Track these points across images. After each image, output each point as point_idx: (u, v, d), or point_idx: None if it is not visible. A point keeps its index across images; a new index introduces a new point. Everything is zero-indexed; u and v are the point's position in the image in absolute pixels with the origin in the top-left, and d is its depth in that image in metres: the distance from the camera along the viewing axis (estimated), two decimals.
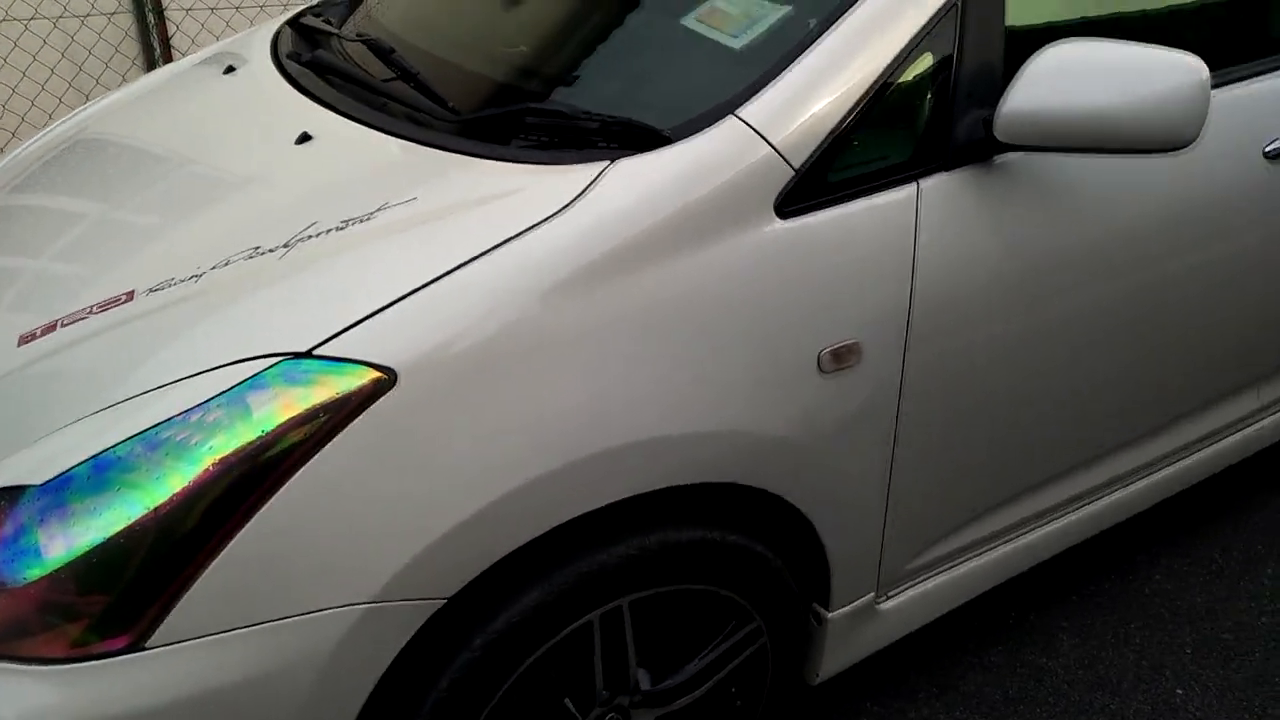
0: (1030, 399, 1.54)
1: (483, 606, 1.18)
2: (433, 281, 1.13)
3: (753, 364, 1.27)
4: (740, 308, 1.25)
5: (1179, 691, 1.89)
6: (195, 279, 1.24)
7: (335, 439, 1.06)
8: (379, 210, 1.26)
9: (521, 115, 1.35)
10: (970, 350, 1.43)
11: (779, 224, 1.26)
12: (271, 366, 1.09)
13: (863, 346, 1.34)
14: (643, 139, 1.27)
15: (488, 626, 1.18)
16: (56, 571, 1.03)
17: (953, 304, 1.39)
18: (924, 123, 1.36)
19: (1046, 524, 1.78)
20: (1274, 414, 2.12)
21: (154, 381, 1.12)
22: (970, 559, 1.71)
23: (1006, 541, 1.74)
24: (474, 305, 1.12)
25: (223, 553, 1.04)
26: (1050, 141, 1.32)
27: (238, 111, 1.65)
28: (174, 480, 1.04)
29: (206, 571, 1.04)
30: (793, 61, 1.30)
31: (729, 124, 1.26)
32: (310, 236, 1.25)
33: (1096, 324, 1.55)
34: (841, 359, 1.32)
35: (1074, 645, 1.98)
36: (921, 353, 1.39)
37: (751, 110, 1.26)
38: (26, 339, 1.26)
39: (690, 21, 1.44)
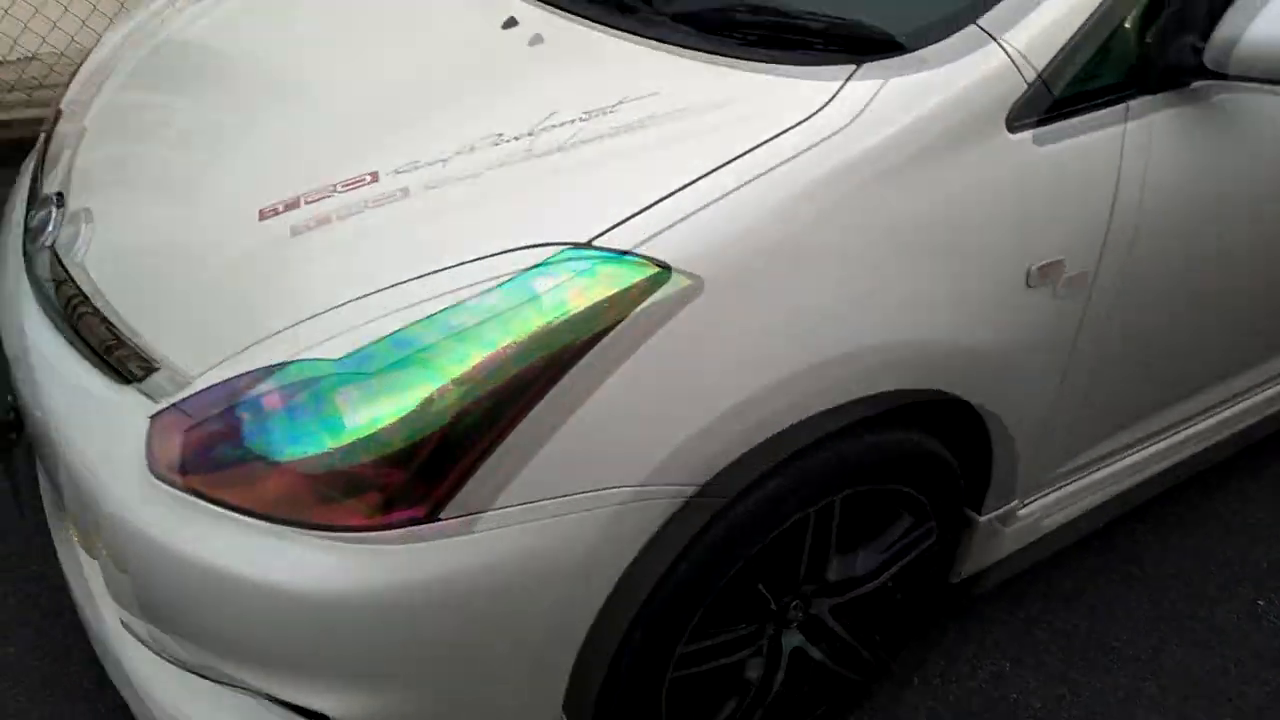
0: (1196, 320, 1.61)
1: (724, 495, 1.23)
2: (699, 178, 1.15)
3: (971, 275, 1.31)
4: (967, 220, 1.29)
5: (1259, 602, 2.03)
6: (442, 163, 1.25)
7: (614, 330, 1.09)
8: (619, 104, 1.27)
9: (752, 13, 1.35)
10: (1153, 270, 1.49)
11: (1009, 137, 1.30)
12: (555, 255, 1.11)
13: (1065, 263, 1.39)
14: (879, 45, 1.29)
15: (728, 513, 1.24)
16: (355, 443, 1.07)
17: (1145, 226, 1.44)
18: (1137, 43, 1.38)
19: (1170, 436, 1.86)
20: None
21: (428, 265, 1.14)
22: (1101, 468, 1.79)
23: (1134, 451, 1.82)
24: (741, 205, 1.15)
25: (512, 432, 1.08)
26: (1270, 74, 1.35)
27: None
28: (472, 359, 1.07)
29: (497, 449, 1.08)
30: None
31: (971, 33, 1.27)
32: (553, 126, 1.26)
33: (1265, 252, 1.62)
34: (1046, 274, 1.38)
35: (1158, 557, 2.10)
36: (1110, 270, 1.44)
37: (991, 19, 1.28)
38: (268, 214, 1.26)
39: None
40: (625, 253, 1.11)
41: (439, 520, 1.09)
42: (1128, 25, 1.37)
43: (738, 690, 1.48)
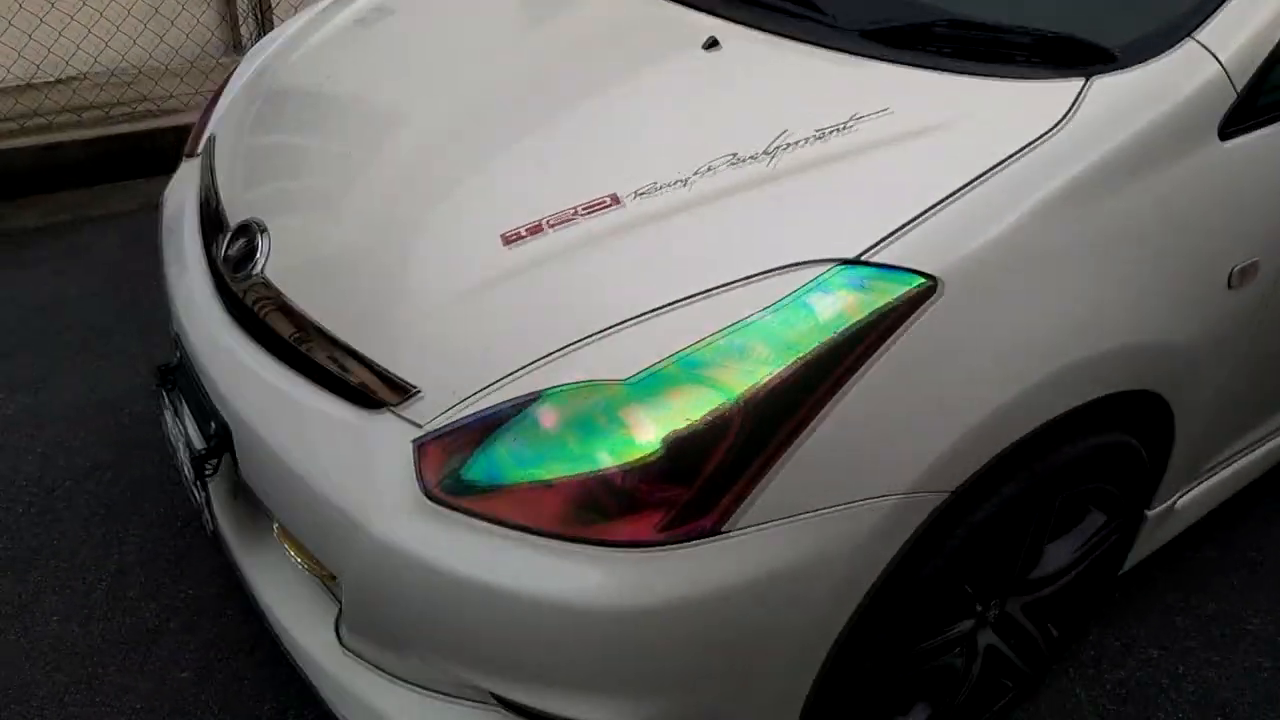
0: None
1: (969, 500, 1.27)
2: (955, 193, 1.19)
3: (1184, 278, 1.36)
4: (1184, 225, 1.33)
5: None
6: (682, 184, 1.27)
7: (888, 343, 1.12)
8: (853, 120, 1.29)
9: (968, 27, 1.38)
10: None
11: (1220, 145, 1.34)
12: (828, 272, 1.14)
13: (1260, 264, 1.44)
14: (1102, 57, 1.32)
15: (969, 518, 1.27)
16: (644, 460, 1.09)
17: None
18: None
19: None
20: None
21: (696, 285, 1.16)
22: (1239, 458, 1.85)
23: (1265, 442, 1.88)
24: (998, 217, 1.18)
25: (791, 447, 1.11)
26: None
27: (617, 23, 1.64)
28: (757, 378, 1.10)
29: (777, 464, 1.11)
30: None
31: (1188, 47, 1.31)
32: (790, 145, 1.28)
33: None
34: (1246, 276, 1.42)
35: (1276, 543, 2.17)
36: None
37: (1206, 34, 1.32)
38: (512, 239, 1.28)
39: None
40: (895, 267, 1.14)
41: (723, 534, 1.11)
42: None
43: (941, 688, 1.52)
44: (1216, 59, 1.32)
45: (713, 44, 1.47)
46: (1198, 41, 1.32)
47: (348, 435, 1.27)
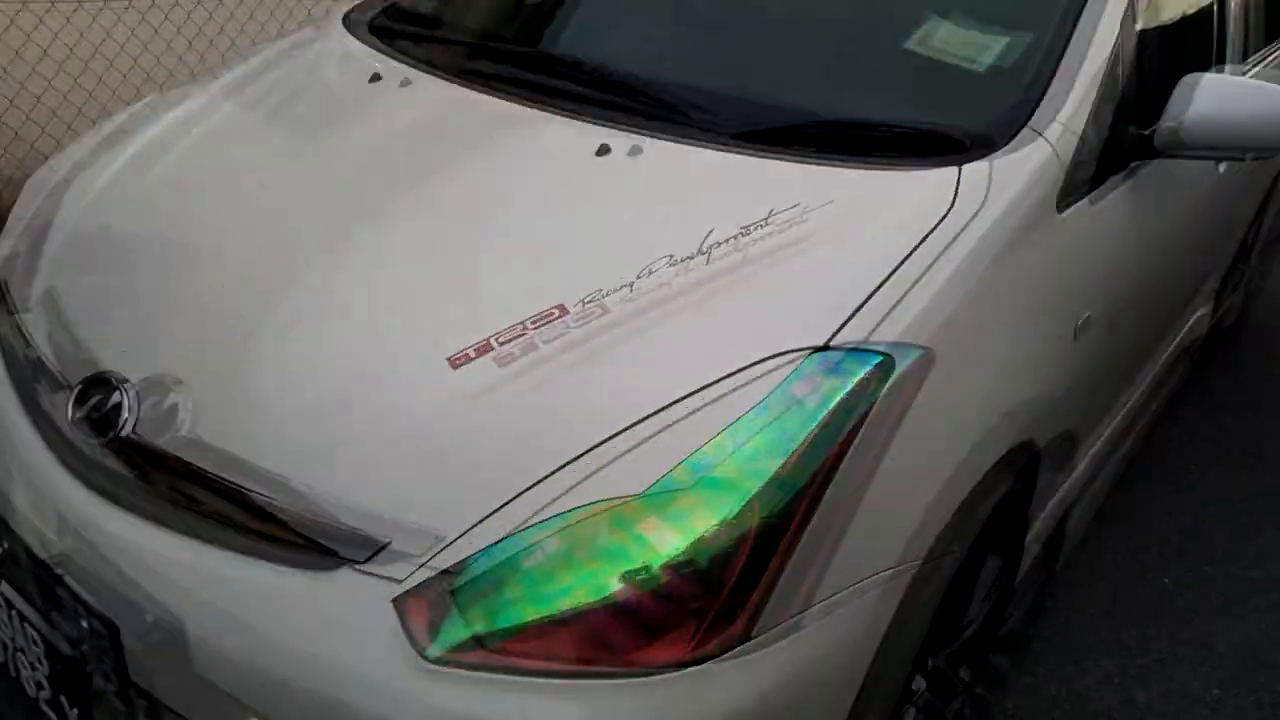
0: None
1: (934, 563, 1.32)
2: (893, 270, 1.27)
3: (1049, 335, 1.53)
4: (1041, 288, 1.51)
5: None
6: (628, 288, 1.26)
7: (871, 416, 1.17)
8: (771, 216, 1.35)
9: (849, 124, 1.50)
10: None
11: (1057, 217, 1.54)
12: (804, 361, 1.17)
13: (1093, 318, 1.65)
14: (956, 146, 1.48)
15: (935, 578, 1.33)
16: (671, 573, 1.05)
17: (1124, 273, 1.75)
18: (1109, 131, 1.69)
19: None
20: None
21: (673, 388, 1.15)
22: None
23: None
24: (928, 297, 1.28)
25: (802, 537, 1.11)
26: (1213, 145, 1.69)
27: (495, 131, 1.60)
28: (765, 473, 1.10)
29: (793, 557, 1.11)
30: (1046, 82, 1.57)
31: (1024, 134, 1.50)
32: (720, 243, 1.32)
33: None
34: (1084, 328, 1.63)
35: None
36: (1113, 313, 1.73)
37: (1037, 120, 1.52)
38: (460, 360, 1.20)
39: (920, 48, 1.66)
40: (862, 346, 1.19)
41: (753, 639, 1.09)
42: (1105, 120, 1.66)
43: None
44: (1048, 142, 1.51)
45: (604, 150, 1.48)
46: (1031, 128, 1.51)
47: (297, 605, 1.11)
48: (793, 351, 1.18)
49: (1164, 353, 2.51)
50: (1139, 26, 1.77)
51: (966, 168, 1.43)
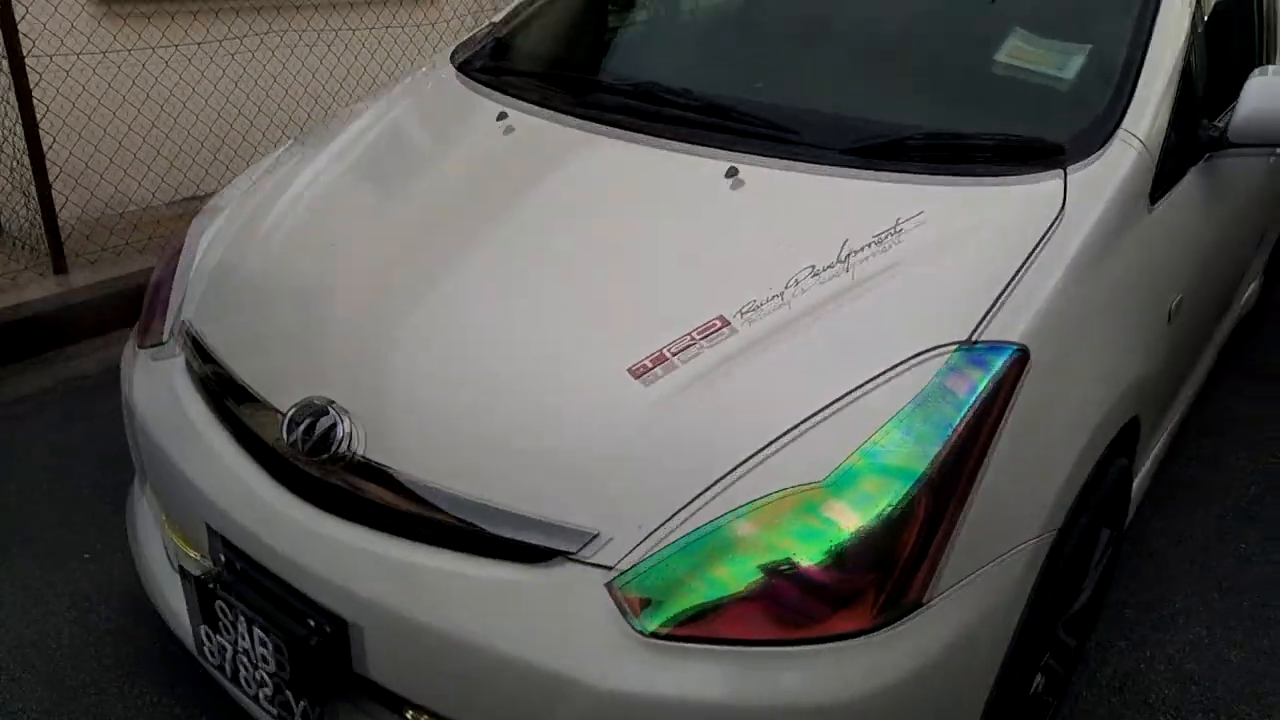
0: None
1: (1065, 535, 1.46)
2: (1016, 279, 1.40)
3: (1148, 320, 1.66)
4: (1140, 278, 1.64)
5: None
6: (779, 299, 1.40)
7: (1009, 408, 1.31)
8: (899, 225, 1.49)
9: (958, 140, 1.64)
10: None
11: (1150, 211, 1.67)
12: (952, 356, 1.31)
13: (1184, 300, 1.78)
14: (1045, 154, 1.61)
15: (1064, 550, 1.47)
16: (854, 549, 1.19)
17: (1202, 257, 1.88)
18: (1187, 128, 1.82)
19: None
20: None
21: (844, 387, 1.29)
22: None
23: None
24: (1045, 296, 1.41)
25: (962, 512, 1.25)
26: (1264, 139, 1.82)
27: (638, 165, 1.75)
28: (929, 459, 1.24)
29: (955, 531, 1.24)
30: (1131, 87, 1.70)
31: (1125, 139, 1.63)
32: (856, 252, 1.46)
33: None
34: (1175, 311, 1.76)
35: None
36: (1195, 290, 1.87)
37: (1128, 125, 1.65)
38: (639, 372, 1.34)
39: (1012, 62, 1.80)
40: (1001, 343, 1.33)
41: (925, 605, 1.23)
42: (1179, 120, 1.80)
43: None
44: (1141, 141, 1.65)
45: (733, 173, 1.63)
46: (1125, 130, 1.65)
47: (519, 594, 1.26)
48: (940, 347, 1.32)
49: (1226, 324, 2.64)
50: (1201, 30, 1.90)
51: (1071, 173, 1.57)
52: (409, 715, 1.40)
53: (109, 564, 2.27)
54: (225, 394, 1.58)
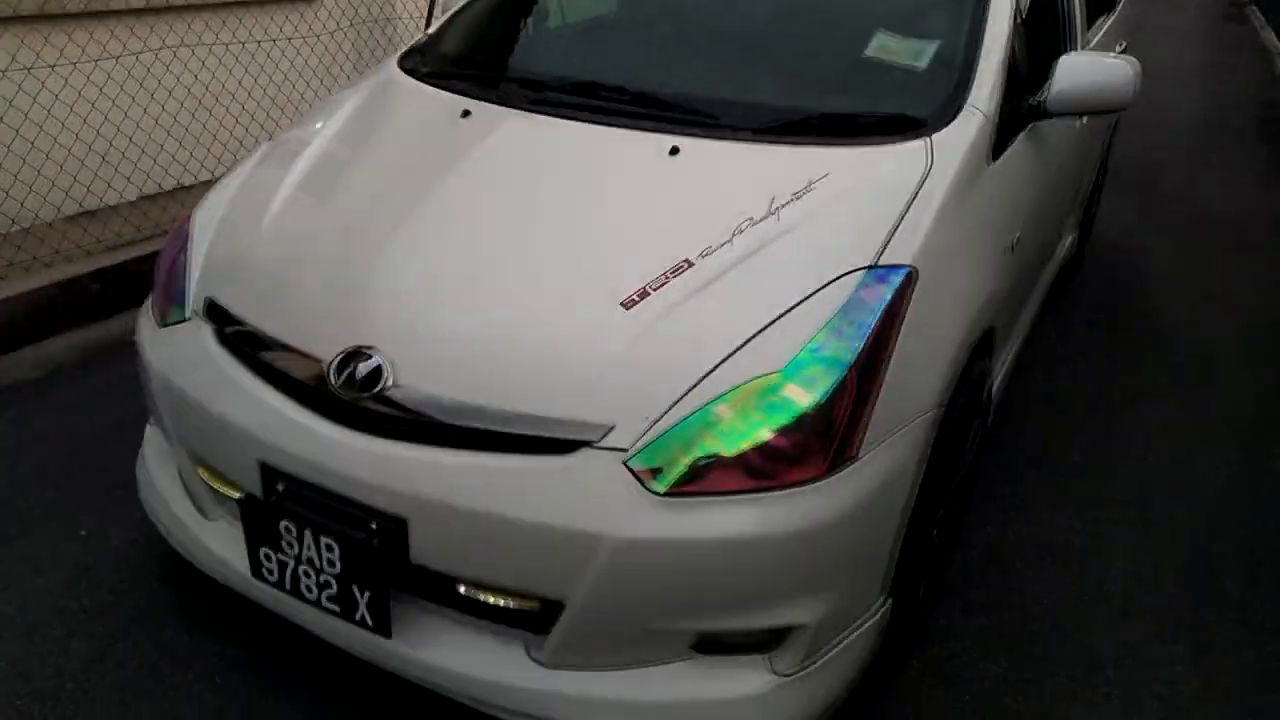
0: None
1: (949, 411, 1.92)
2: (904, 212, 1.86)
3: (998, 249, 2.16)
4: (987, 218, 2.14)
5: None
6: (728, 244, 1.82)
7: (904, 313, 1.76)
8: (810, 183, 1.93)
9: (827, 117, 2.09)
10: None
11: (990, 166, 2.17)
12: (865, 275, 1.75)
13: (1021, 237, 2.30)
14: (912, 125, 2.09)
15: (949, 423, 1.94)
16: (808, 419, 1.61)
17: (1031, 201, 2.41)
18: (1014, 101, 2.34)
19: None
20: None
21: (785, 302, 1.71)
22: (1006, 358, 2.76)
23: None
24: (919, 229, 1.87)
25: (877, 392, 1.69)
26: (1070, 108, 2.37)
27: (592, 142, 2.13)
28: (855, 351, 1.67)
29: (873, 405, 1.68)
30: (971, 70, 2.20)
31: (971, 110, 2.12)
32: (783, 204, 1.89)
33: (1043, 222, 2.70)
34: (1015, 245, 2.27)
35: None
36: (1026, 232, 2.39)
37: (971, 99, 2.14)
38: (629, 303, 1.73)
39: (874, 51, 2.28)
40: (896, 265, 1.78)
41: (858, 459, 1.66)
42: (1006, 96, 2.31)
43: (930, 563, 2.16)
44: (982, 112, 2.14)
45: (675, 151, 2.03)
46: (970, 105, 2.14)
47: (552, 479, 1.62)
48: (853, 271, 1.76)
49: (1052, 266, 3.23)
50: (1021, 24, 2.43)
51: (933, 137, 2.04)
52: (461, 589, 1.74)
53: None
54: (257, 351, 1.88)
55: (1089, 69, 2.38)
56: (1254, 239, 5.16)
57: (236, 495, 1.93)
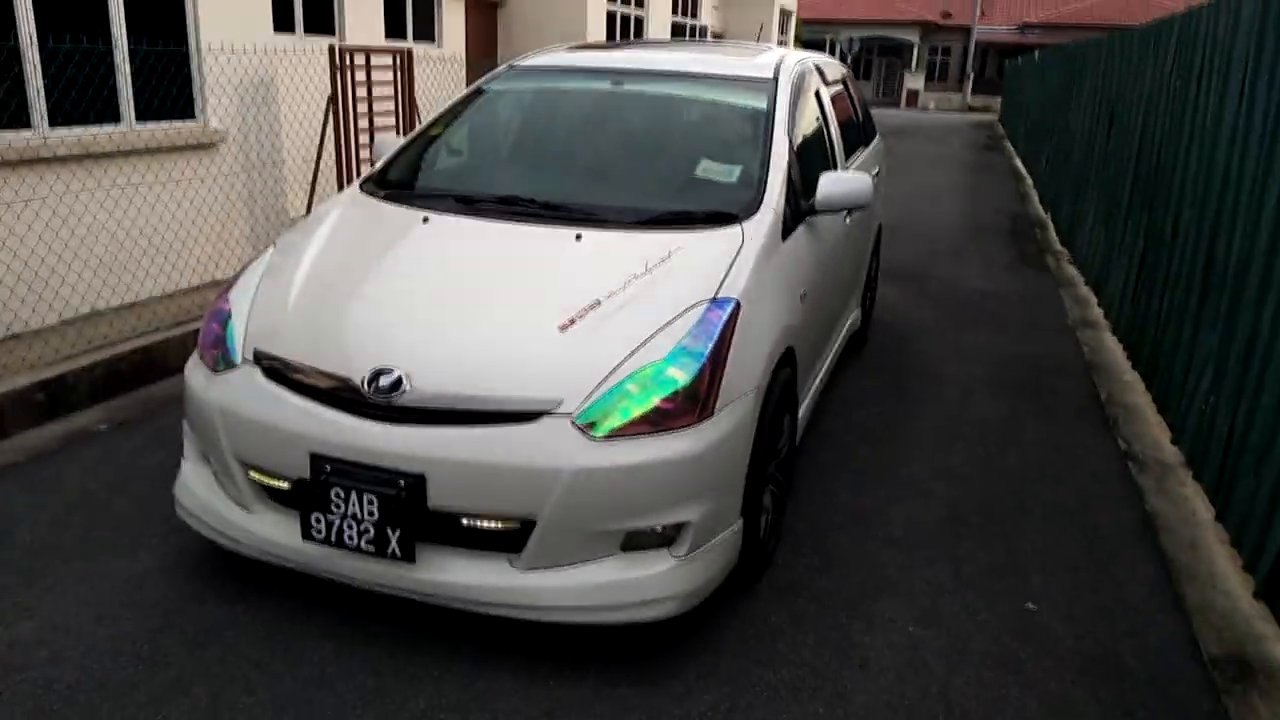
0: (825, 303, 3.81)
1: (768, 393, 2.97)
2: (729, 269, 2.95)
3: (792, 297, 3.29)
4: (784, 276, 3.27)
5: None
6: (620, 290, 2.84)
7: (735, 323, 2.81)
8: (670, 255, 3.00)
9: (676, 214, 3.20)
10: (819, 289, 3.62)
11: (782, 244, 3.31)
12: (706, 305, 2.81)
13: (807, 292, 3.45)
14: (729, 218, 3.22)
15: (769, 401, 2.99)
16: (685, 390, 2.62)
17: (812, 267, 3.58)
18: (794, 203, 3.52)
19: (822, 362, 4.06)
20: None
21: (657, 324, 2.73)
22: (811, 382, 3.89)
23: (820, 372, 3.97)
24: (740, 279, 2.96)
25: (723, 374, 2.73)
26: (831, 207, 3.58)
27: (524, 234, 3.15)
28: (707, 349, 2.71)
29: (720, 382, 2.71)
30: (764, 183, 3.37)
31: (766, 208, 3.27)
32: (652, 268, 2.94)
33: (826, 288, 3.89)
34: (804, 297, 3.41)
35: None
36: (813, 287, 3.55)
37: (766, 201, 3.30)
38: (564, 327, 2.71)
39: (701, 173, 3.43)
40: (727, 298, 2.85)
41: (714, 414, 2.68)
42: (789, 197, 3.49)
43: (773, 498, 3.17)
44: (773, 210, 3.29)
45: (579, 238, 3.07)
46: (765, 205, 3.29)
47: (526, 437, 2.55)
48: (702, 301, 2.81)
49: (839, 335, 4.45)
50: (796, 151, 3.65)
51: (744, 224, 3.17)
52: (464, 522, 2.61)
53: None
54: (297, 378, 2.73)
55: (841, 181, 3.60)
56: (1001, 310, 6.67)
57: (285, 485, 2.74)
